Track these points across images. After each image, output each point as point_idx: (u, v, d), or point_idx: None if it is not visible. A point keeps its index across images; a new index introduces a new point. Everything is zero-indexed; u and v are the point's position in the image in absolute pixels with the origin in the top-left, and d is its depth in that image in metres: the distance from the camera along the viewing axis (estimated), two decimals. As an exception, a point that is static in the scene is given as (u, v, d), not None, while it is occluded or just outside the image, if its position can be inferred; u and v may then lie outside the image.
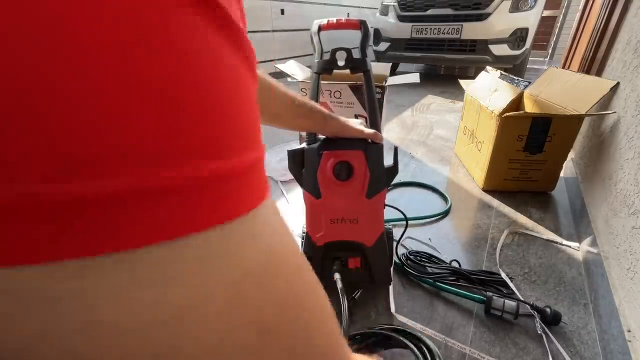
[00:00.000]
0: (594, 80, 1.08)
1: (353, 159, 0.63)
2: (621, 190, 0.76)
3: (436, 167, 1.40)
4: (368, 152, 0.63)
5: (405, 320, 0.70)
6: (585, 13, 1.76)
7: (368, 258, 0.70)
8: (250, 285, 0.13)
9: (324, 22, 0.71)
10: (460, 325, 0.69)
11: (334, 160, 0.63)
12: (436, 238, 0.95)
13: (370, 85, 0.69)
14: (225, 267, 0.12)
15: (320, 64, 0.71)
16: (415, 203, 1.14)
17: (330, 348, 0.18)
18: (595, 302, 0.72)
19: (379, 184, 0.65)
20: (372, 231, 0.69)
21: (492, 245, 0.93)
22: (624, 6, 1.16)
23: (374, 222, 0.68)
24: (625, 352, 0.56)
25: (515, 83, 1.26)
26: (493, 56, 2.74)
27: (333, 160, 0.63)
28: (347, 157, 0.63)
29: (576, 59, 1.74)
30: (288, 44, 3.48)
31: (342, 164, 0.63)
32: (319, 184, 0.65)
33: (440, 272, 0.81)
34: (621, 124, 0.88)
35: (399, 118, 2.14)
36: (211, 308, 0.12)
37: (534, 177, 1.16)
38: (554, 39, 4.78)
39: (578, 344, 0.65)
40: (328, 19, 0.71)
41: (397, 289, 0.77)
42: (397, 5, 3.05)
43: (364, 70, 0.69)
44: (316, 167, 0.64)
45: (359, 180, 0.65)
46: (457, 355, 0.63)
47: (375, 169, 0.64)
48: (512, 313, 0.67)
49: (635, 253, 0.63)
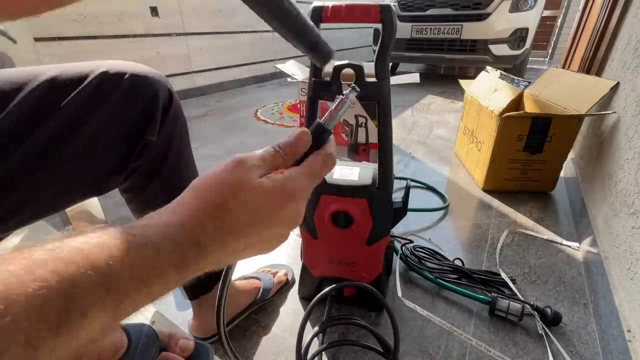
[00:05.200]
0: (594, 80, 1.08)
1: (354, 208, 0.56)
2: (621, 190, 0.76)
3: (436, 167, 1.40)
4: (372, 202, 0.56)
5: (412, 306, 0.70)
6: (585, 13, 1.76)
7: (365, 290, 0.64)
8: None
9: (327, 6, 0.48)
10: (460, 325, 0.69)
11: (333, 207, 0.56)
12: (436, 238, 0.95)
13: (385, 120, 0.52)
14: None
15: (318, 87, 0.51)
16: (414, 203, 1.14)
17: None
18: (595, 302, 0.72)
19: (382, 231, 0.60)
20: (371, 272, 0.66)
21: (492, 245, 0.93)
22: (624, 6, 1.16)
23: (373, 265, 0.66)
24: (625, 352, 0.56)
25: (515, 83, 1.26)
26: (493, 56, 2.74)
27: (332, 207, 0.57)
28: (347, 207, 0.56)
29: (576, 59, 1.74)
30: (288, 44, 3.46)
31: (340, 213, 0.56)
32: (316, 225, 0.60)
33: (442, 268, 0.81)
34: (621, 124, 0.88)
35: (399, 118, 2.14)
36: None
37: (534, 177, 1.16)
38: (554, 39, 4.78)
39: (578, 344, 0.65)
40: (332, 4, 0.48)
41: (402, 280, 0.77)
42: (397, 5, 3.05)
43: (378, 99, 0.50)
44: (314, 209, 0.58)
45: (360, 228, 0.59)
46: (460, 347, 0.63)
47: (379, 218, 0.58)
48: (517, 315, 0.67)
49: (635, 253, 0.63)
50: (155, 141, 0.46)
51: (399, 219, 0.63)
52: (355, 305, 0.72)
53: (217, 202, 0.21)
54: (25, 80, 0.38)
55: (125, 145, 0.44)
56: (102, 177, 0.44)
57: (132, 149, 0.44)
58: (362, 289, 0.62)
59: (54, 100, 0.38)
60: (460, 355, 0.62)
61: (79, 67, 0.41)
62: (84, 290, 0.15)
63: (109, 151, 0.43)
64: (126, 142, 0.44)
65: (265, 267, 0.82)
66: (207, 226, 0.20)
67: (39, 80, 0.38)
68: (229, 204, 0.21)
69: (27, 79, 0.38)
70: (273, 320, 0.70)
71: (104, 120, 0.40)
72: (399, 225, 0.68)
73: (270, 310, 0.72)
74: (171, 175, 0.50)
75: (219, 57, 2.97)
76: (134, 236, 0.18)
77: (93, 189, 0.44)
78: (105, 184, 0.45)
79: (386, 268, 0.72)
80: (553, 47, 4.78)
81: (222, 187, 0.21)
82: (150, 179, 0.48)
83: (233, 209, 0.21)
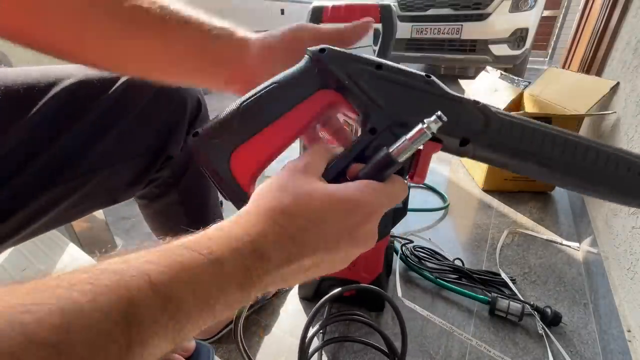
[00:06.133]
0: (594, 80, 1.08)
1: None
2: (621, 190, 0.76)
3: (436, 167, 1.40)
4: None
5: (412, 306, 0.70)
6: (585, 13, 1.76)
7: (364, 290, 0.64)
8: None
9: (327, 6, 0.48)
10: (460, 325, 0.69)
11: None
12: (436, 238, 0.95)
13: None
14: None
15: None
16: (414, 203, 1.14)
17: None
18: (595, 302, 0.72)
19: (381, 232, 0.58)
20: (371, 272, 0.66)
21: (492, 245, 0.93)
22: (624, 6, 1.16)
23: (373, 265, 0.65)
24: (625, 352, 0.56)
25: (515, 83, 1.26)
26: (493, 56, 2.74)
27: None
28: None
29: (576, 59, 1.74)
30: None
31: None
32: None
33: (442, 268, 0.81)
34: (621, 124, 0.88)
35: (399, 118, 2.14)
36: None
37: (534, 177, 1.16)
38: (554, 39, 4.77)
39: (578, 344, 0.65)
40: (332, 4, 0.48)
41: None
42: (397, 5, 3.05)
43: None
44: None
45: None
46: (460, 347, 0.63)
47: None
48: (517, 315, 0.67)
49: (635, 253, 0.63)
50: (179, 153, 0.44)
51: (398, 219, 0.63)
52: (355, 305, 0.72)
53: (278, 207, 0.19)
54: (46, 83, 0.35)
55: (147, 159, 0.42)
56: (121, 188, 0.42)
57: (154, 162, 0.42)
58: (361, 291, 0.62)
59: (75, 110, 0.35)
60: (460, 355, 0.63)
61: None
62: (145, 316, 0.14)
63: (129, 164, 0.40)
64: (148, 155, 0.41)
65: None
66: (269, 233, 0.18)
67: (64, 84, 0.35)
68: (291, 209, 0.19)
69: (48, 81, 0.35)
70: (273, 321, 0.70)
71: (126, 131, 0.38)
72: (399, 225, 0.68)
73: (271, 311, 0.72)
74: (191, 186, 0.47)
75: (219, 57, 2.97)
76: (200, 254, 0.16)
77: (110, 200, 0.42)
78: (123, 195, 0.43)
79: (386, 268, 0.72)
80: (553, 47, 4.77)
81: (282, 192, 0.19)
82: (168, 190, 0.46)
83: (295, 214, 0.19)
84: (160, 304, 0.14)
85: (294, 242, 0.18)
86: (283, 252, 0.18)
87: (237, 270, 0.17)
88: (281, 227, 0.18)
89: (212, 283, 0.16)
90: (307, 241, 0.19)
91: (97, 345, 0.13)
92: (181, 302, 0.15)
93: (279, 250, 0.18)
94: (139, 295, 0.14)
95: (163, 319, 0.14)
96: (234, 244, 0.17)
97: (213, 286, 0.16)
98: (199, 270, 0.16)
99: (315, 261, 0.19)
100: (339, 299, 0.71)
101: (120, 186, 0.42)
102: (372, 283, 0.65)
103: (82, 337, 0.12)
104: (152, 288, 0.14)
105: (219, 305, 0.16)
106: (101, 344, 0.13)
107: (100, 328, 0.13)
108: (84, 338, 0.12)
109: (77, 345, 0.12)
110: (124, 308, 0.13)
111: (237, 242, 0.17)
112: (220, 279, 0.16)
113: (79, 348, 0.12)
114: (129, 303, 0.14)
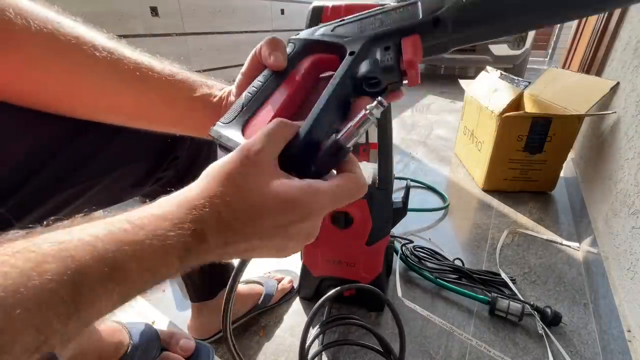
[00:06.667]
0: (594, 80, 1.08)
1: (353, 209, 0.56)
2: (621, 190, 0.76)
3: (436, 166, 1.40)
4: (372, 202, 0.56)
5: (412, 306, 0.70)
6: (585, 13, 1.75)
7: (365, 290, 0.64)
8: None
9: (327, 6, 0.48)
10: (460, 325, 0.69)
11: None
12: (436, 238, 0.95)
13: (385, 121, 0.53)
14: None
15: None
16: (414, 203, 1.14)
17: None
18: (595, 302, 0.72)
19: (381, 232, 0.60)
20: (371, 272, 0.66)
21: (492, 245, 0.93)
22: (624, 6, 1.16)
23: (373, 265, 0.65)
24: (625, 352, 0.56)
25: (515, 83, 1.26)
26: (493, 56, 2.74)
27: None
28: (347, 207, 0.55)
29: (576, 59, 1.74)
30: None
31: (340, 213, 0.57)
32: None
33: (442, 268, 0.81)
34: (621, 124, 0.88)
35: (399, 118, 2.14)
36: None
37: (534, 177, 1.16)
38: (554, 39, 4.77)
39: (578, 344, 0.65)
40: (332, 4, 0.48)
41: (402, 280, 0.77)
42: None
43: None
44: None
45: (360, 228, 0.59)
46: (460, 347, 0.63)
47: (378, 218, 0.58)
48: (517, 315, 0.67)
49: (635, 253, 0.63)
50: (184, 153, 0.44)
51: (399, 219, 0.63)
52: (355, 305, 0.72)
53: (222, 198, 0.20)
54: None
55: (154, 160, 0.42)
56: (127, 189, 0.42)
57: (161, 163, 0.43)
58: (361, 292, 0.62)
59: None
60: (460, 355, 0.63)
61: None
62: (93, 282, 0.16)
63: (137, 166, 0.41)
64: (155, 156, 0.42)
65: (271, 272, 0.81)
66: (209, 218, 0.20)
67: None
68: (233, 203, 0.20)
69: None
70: (273, 321, 0.70)
71: (134, 134, 0.37)
72: (399, 225, 0.68)
73: (271, 311, 0.72)
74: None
75: (219, 57, 2.97)
76: (142, 228, 0.18)
77: (114, 200, 0.42)
78: (128, 195, 0.43)
79: (386, 268, 0.72)
80: (553, 47, 4.77)
81: (229, 182, 0.20)
82: (172, 188, 0.46)
83: (236, 208, 0.20)
84: (108, 272, 0.16)
85: (232, 229, 0.20)
86: (220, 238, 0.20)
87: (179, 247, 0.19)
88: (221, 216, 0.20)
89: (154, 256, 0.18)
90: (243, 231, 0.21)
91: (45, 302, 0.14)
92: (127, 272, 0.17)
93: (216, 237, 0.20)
94: (85, 263, 0.16)
95: (110, 285, 0.16)
96: (177, 223, 0.19)
97: (156, 258, 0.18)
98: (143, 245, 0.18)
99: (251, 246, 0.21)
100: (340, 299, 0.71)
101: (126, 187, 0.42)
102: (372, 283, 0.65)
103: (30, 295, 0.14)
104: (98, 259, 0.16)
105: (159, 274, 0.19)
106: (48, 302, 0.14)
107: (45, 288, 0.14)
108: (31, 296, 0.14)
109: (25, 302, 0.14)
110: (70, 274, 0.15)
111: (180, 222, 0.19)
112: (162, 254, 0.18)
113: (30, 305, 0.14)
114: (75, 270, 0.15)
